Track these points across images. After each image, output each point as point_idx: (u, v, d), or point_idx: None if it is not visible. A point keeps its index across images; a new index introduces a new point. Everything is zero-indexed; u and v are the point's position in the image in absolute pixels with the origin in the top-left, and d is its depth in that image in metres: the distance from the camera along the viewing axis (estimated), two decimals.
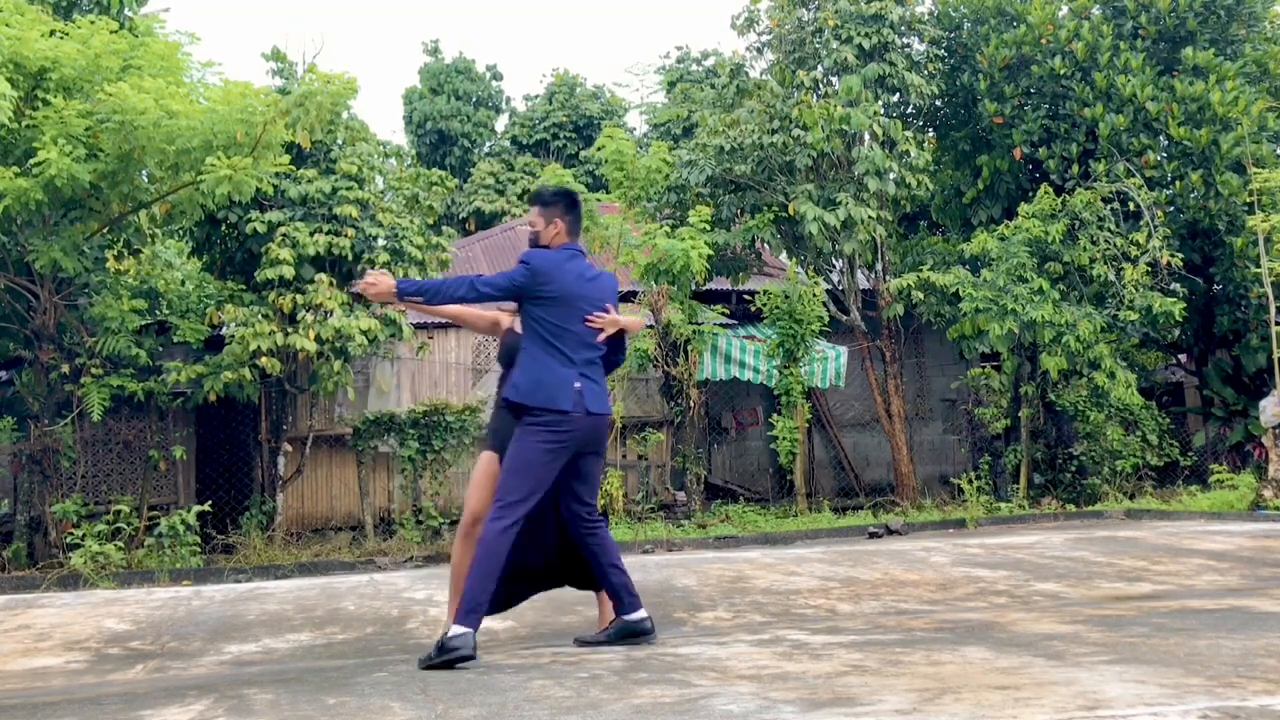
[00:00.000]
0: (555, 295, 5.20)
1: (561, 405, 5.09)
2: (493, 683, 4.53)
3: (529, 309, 5.24)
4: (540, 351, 5.18)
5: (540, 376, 5.13)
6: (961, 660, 4.61)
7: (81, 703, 4.63)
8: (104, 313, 10.92)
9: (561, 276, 5.24)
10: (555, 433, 5.10)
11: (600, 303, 5.31)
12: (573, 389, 5.14)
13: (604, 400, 5.31)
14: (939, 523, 12.29)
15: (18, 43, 9.65)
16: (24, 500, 11.37)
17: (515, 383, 5.18)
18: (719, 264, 14.64)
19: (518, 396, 5.13)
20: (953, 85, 16.15)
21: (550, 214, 5.44)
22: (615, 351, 5.48)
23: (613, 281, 5.54)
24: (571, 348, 5.19)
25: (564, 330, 5.19)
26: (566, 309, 5.21)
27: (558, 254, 5.35)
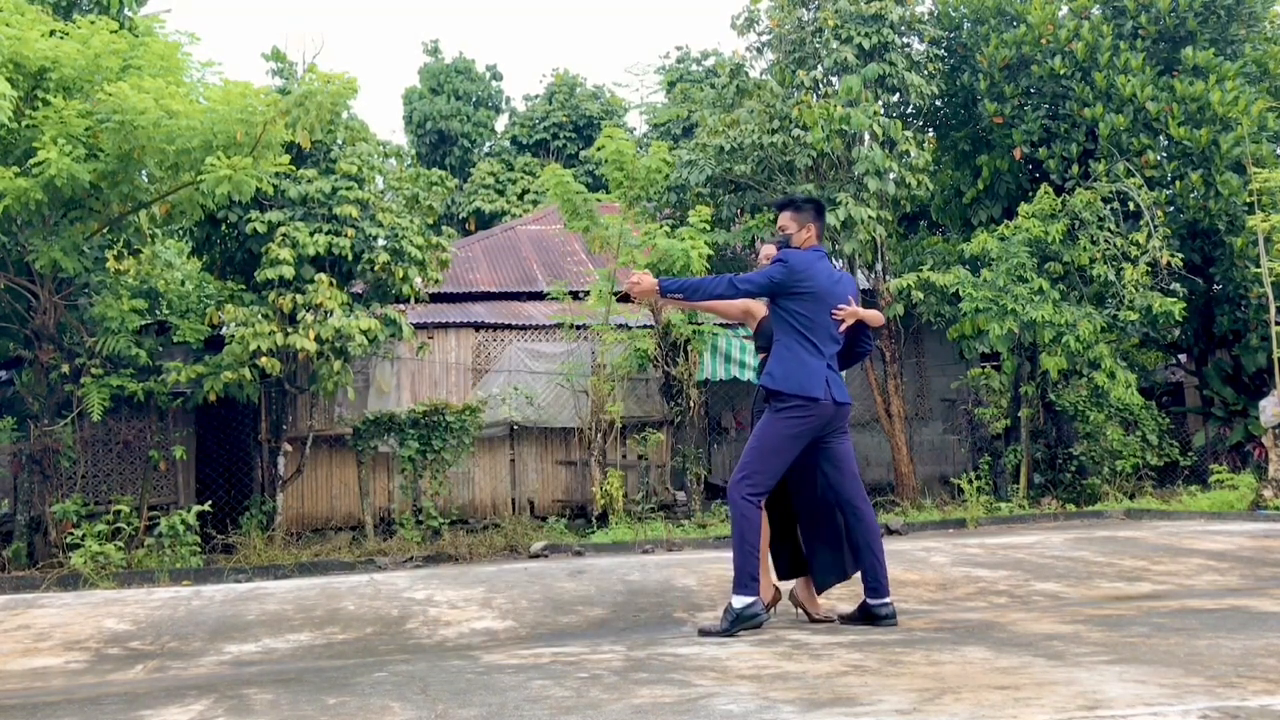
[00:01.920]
0: (810, 291, 5.60)
1: (814, 393, 5.52)
2: (493, 683, 4.53)
3: (783, 304, 5.64)
4: (794, 343, 5.60)
5: (793, 366, 5.56)
6: (961, 660, 4.61)
7: (81, 703, 4.63)
8: (104, 313, 10.93)
9: (815, 274, 5.64)
10: (803, 419, 5.54)
11: (844, 300, 5.71)
12: (823, 379, 5.56)
13: (845, 389, 5.74)
14: (939, 523, 12.29)
15: (18, 42, 9.65)
16: (24, 500, 11.38)
17: (770, 371, 5.63)
18: (719, 264, 14.64)
19: (774, 384, 5.57)
20: (953, 85, 16.15)
21: (803, 219, 5.85)
22: (860, 343, 5.91)
23: (853, 283, 5.93)
24: (821, 340, 5.61)
25: (815, 324, 5.60)
26: (818, 304, 5.61)
27: (810, 254, 5.75)
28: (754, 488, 5.54)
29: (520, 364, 14.65)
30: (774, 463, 5.57)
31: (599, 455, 13.51)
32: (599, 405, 13.54)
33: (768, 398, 5.64)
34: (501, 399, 14.18)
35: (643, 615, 6.43)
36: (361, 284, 12.86)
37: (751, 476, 5.53)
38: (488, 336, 14.91)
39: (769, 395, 5.63)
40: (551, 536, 12.00)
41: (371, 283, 12.75)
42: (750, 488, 5.53)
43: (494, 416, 14.03)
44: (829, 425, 5.62)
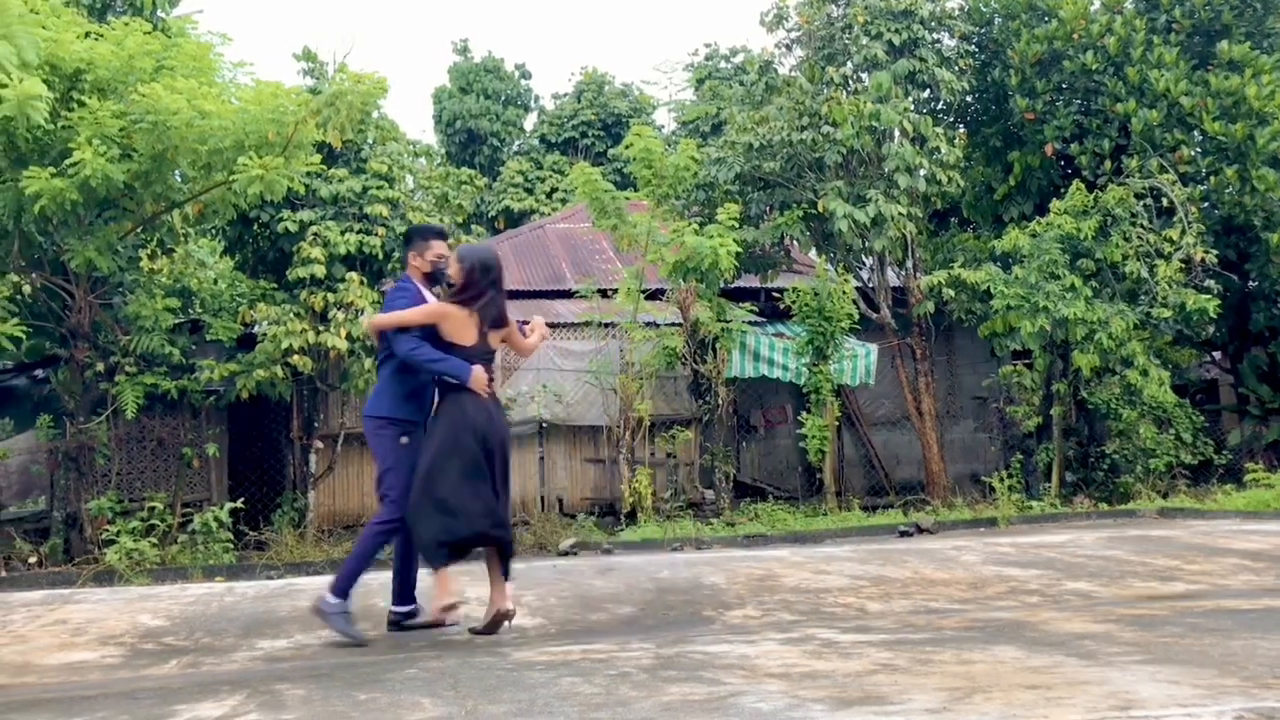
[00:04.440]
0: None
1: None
2: (522, 679, 4.55)
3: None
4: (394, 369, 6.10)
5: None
6: (992, 659, 4.58)
7: (117, 697, 4.69)
8: (138, 311, 11.03)
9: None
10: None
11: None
12: None
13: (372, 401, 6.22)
14: (970, 521, 12.22)
15: (54, 45, 9.75)
16: (60, 497, 11.50)
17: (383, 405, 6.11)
18: (748, 261, 14.61)
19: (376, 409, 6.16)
20: (983, 81, 16.04)
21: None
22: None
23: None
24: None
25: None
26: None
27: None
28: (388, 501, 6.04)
29: (549, 362, 14.67)
30: (391, 479, 6.04)
31: (627, 453, 13.52)
32: (627, 403, 13.54)
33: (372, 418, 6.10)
34: (530, 396, 14.22)
35: (672, 613, 6.43)
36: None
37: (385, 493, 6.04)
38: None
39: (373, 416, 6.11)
40: (580, 534, 12.02)
41: None
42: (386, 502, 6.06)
43: (523, 414, 14.07)
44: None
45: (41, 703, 4.64)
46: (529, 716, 3.89)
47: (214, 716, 4.14)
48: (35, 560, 10.83)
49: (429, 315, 5.92)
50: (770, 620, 6.01)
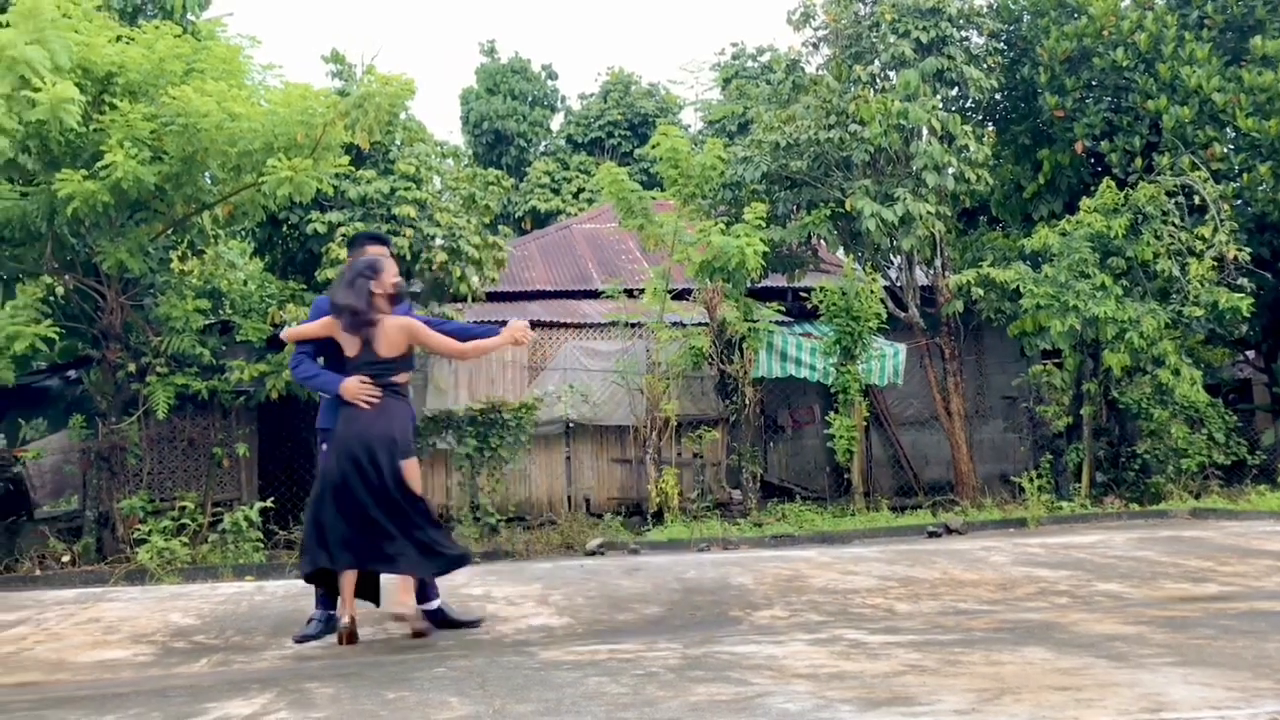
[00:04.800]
0: None
1: None
2: (550, 679, 4.56)
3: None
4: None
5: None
6: (1022, 661, 4.55)
7: (149, 694, 4.73)
8: (169, 312, 11.13)
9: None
10: None
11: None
12: None
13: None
14: (999, 522, 12.15)
15: (86, 48, 9.85)
16: (93, 496, 11.62)
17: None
18: (775, 261, 14.57)
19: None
20: (1012, 79, 15.93)
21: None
22: None
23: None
24: None
25: None
26: None
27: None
28: None
29: (576, 362, 14.69)
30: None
31: (654, 453, 13.52)
32: (654, 403, 13.54)
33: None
34: (557, 397, 14.24)
35: (699, 613, 6.43)
36: (420, 283, 12.98)
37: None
38: (543, 335, 14.97)
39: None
40: (607, 534, 12.03)
41: (429, 282, 12.86)
42: None
43: (550, 414, 14.09)
44: None
45: (75, 700, 4.69)
46: (556, 716, 3.89)
47: (244, 714, 4.17)
48: (68, 559, 10.94)
49: (322, 328, 5.98)
50: (798, 621, 5.99)
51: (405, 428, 5.85)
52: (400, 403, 5.90)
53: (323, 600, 6.14)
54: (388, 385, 5.85)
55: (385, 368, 5.85)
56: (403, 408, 5.91)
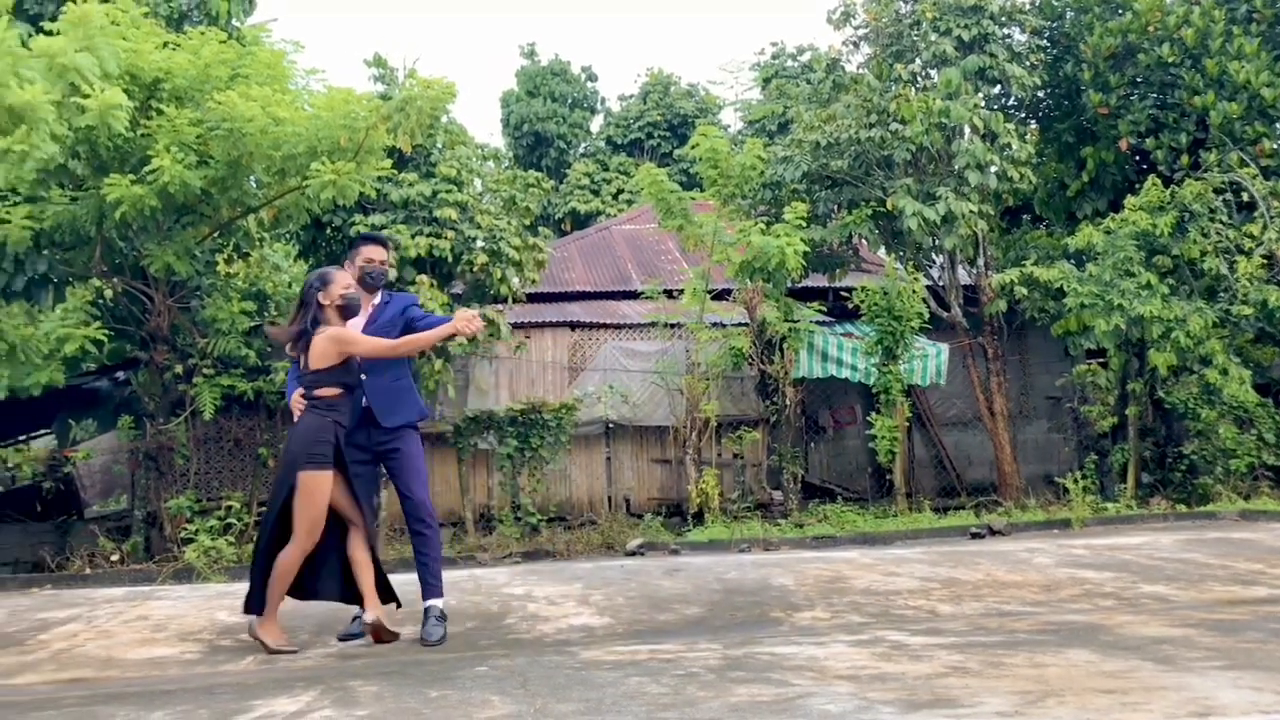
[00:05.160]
0: None
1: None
2: (590, 678, 4.58)
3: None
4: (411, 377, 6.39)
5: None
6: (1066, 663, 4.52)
7: (196, 692, 4.80)
8: (215, 314, 11.26)
9: None
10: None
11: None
12: None
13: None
14: (1043, 523, 12.04)
15: (134, 55, 9.98)
16: (141, 496, 11.79)
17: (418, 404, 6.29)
18: (815, 260, 14.52)
19: (424, 413, 6.34)
20: (1055, 76, 15.78)
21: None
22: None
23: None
24: None
25: None
26: None
27: None
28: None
29: (615, 362, 14.72)
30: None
31: (694, 453, 13.51)
32: (694, 403, 13.54)
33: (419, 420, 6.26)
34: (597, 397, 14.27)
35: (739, 614, 6.43)
36: (461, 285, 13.05)
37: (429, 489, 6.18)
38: (583, 335, 15.02)
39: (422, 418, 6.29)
40: (647, 534, 12.04)
41: (470, 283, 12.93)
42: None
43: (590, 415, 14.13)
44: None
45: (125, 696, 4.77)
46: (597, 715, 3.91)
47: (289, 711, 4.23)
48: (117, 558, 11.11)
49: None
50: (839, 622, 5.97)
51: (310, 438, 5.77)
52: (312, 415, 5.82)
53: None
54: (310, 398, 5.86)
55: (312, 380, 5.85)
56: (311, 419, 5.81)
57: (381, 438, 6.06)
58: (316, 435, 5.76)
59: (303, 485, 5.69)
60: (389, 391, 6.07)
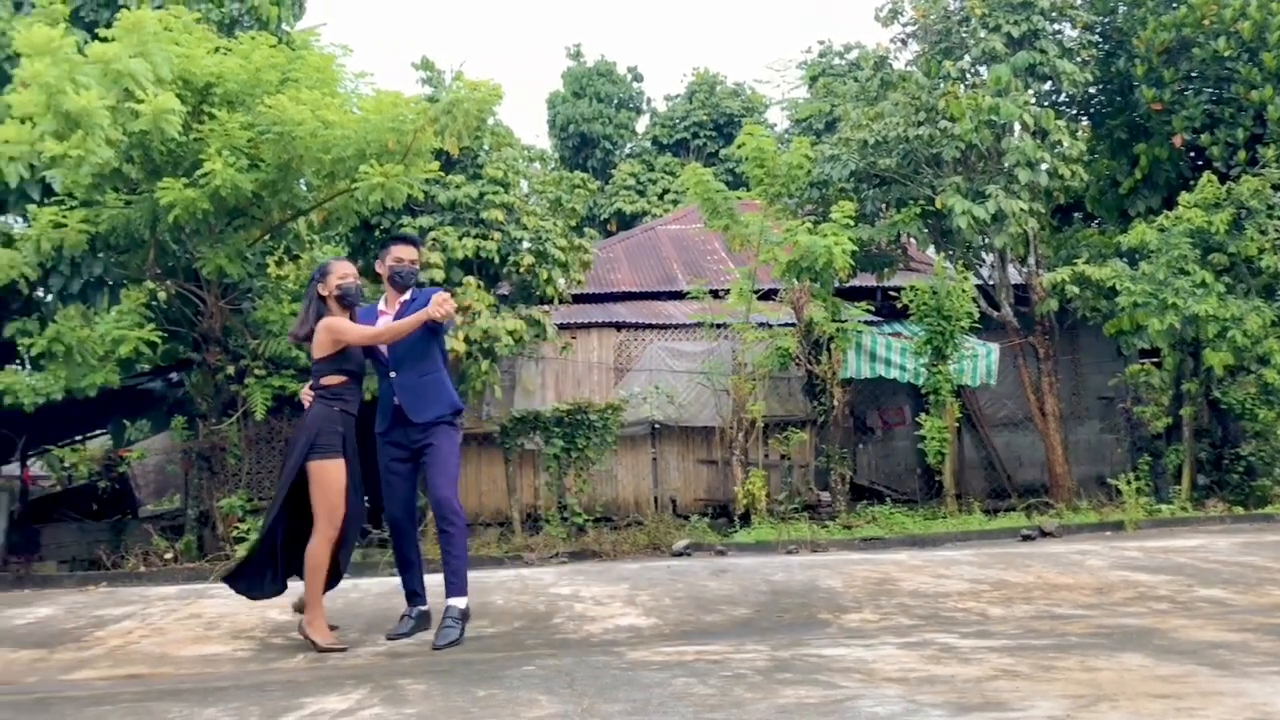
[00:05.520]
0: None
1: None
2: (637, 679, 4.57)
3: (441, 337, 6.24)
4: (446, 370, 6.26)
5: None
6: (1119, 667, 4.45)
7: (248, 689, 4.85)
8: (266, 316, 11.40)
9: None
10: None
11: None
12: None
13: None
14: (1095, 525, 11.88)
15: (186, 60, 10.13)
16: (194, 495, 11.96)
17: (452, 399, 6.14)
18: (863, 260, 14.42)
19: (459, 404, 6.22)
20: (1107, 72, 15.56)
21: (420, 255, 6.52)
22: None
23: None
24: None
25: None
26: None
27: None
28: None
29: (661, 363, 14.72)
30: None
31: (741, 454, 13.48)
32: (740, 404, 13.50)
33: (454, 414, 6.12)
34: (643, 398, 14.28)
35: (786, 616, 6.39)
36: (507, 286, 13.11)
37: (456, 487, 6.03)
38: (629, 336, 15.03)
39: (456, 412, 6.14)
40: (694, 535, 12.03)
41: (517, 284, 12.99)
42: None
43: (636, 415, 14.14)
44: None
45: (179, 693, 4.83)
46: (644, 716, 3.90)
47: (339, 709, 4.26)
48: (171, 556, 11.28)
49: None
50: (888, 624, 5.93)
51: (316, 428, 5.86)
52: (319, 405, 5.93)
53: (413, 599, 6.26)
54: (316, 387, 5.99)
55: (316, 370, 6.00)
56: (318, 409, 5.92)
57: (416, 435, 6.06)
58: (323, 424, 5.87)
59: (314, 475, 5.80)
60: (418, 387, 6.08)
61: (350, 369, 6.03)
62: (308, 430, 5.88)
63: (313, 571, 5.78)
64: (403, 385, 6.08)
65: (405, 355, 6.05)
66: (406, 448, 6.11)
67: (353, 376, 6.06)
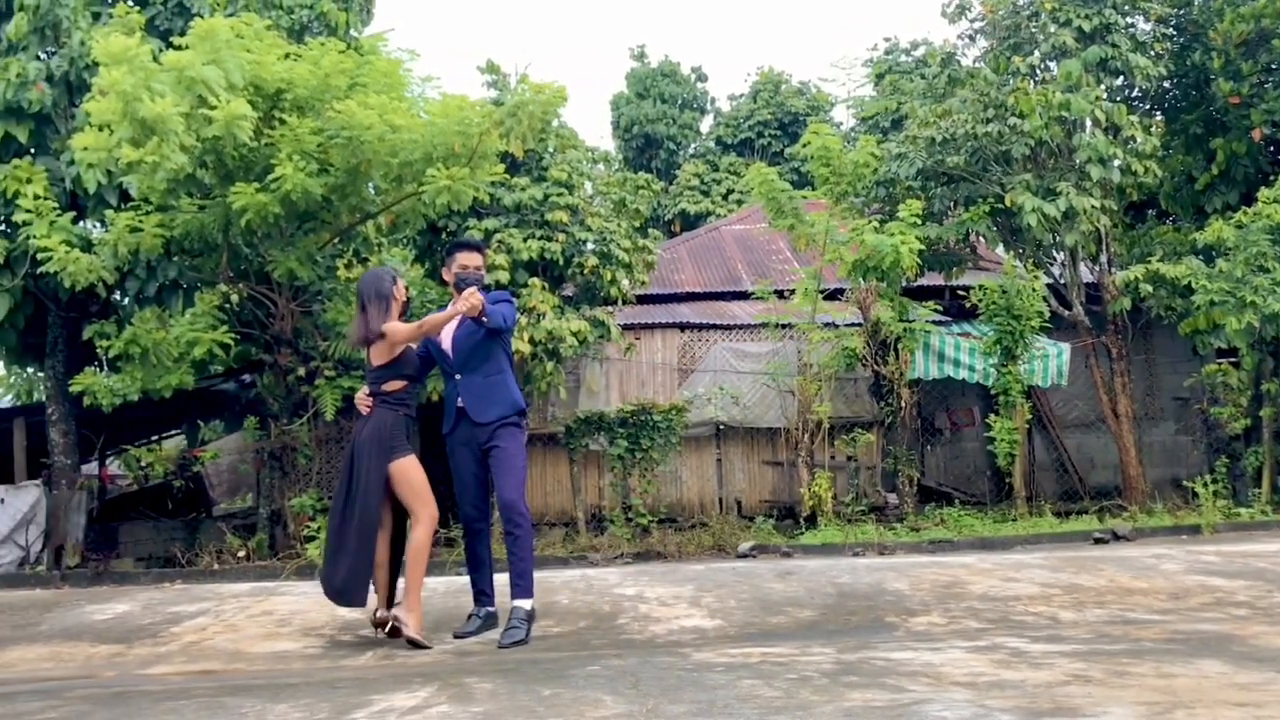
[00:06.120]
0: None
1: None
2: (702, 680, 4.56)
3: (505, 338, 6.26)
4: (511, 372, 6.28)
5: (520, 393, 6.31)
6: (1195, 673, 4.35)
7: (318, 685, 4.92)
8: (335, 318, 11.55)
9: None
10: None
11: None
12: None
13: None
14: (1171, 528, 11.62)
15: (257, 66, 10.29)
16: (266, 495, 12.16)
17: (515, 400, 6.17)
18: (931, 259, 14.26)
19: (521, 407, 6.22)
20: (1182, 65, 15.23)
21: (484, 260, 6.47)
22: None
23: None
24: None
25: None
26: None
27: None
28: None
29: (725, 364, 14.68)
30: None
31: (806, 456, 13.40)
32: (806, 405, 13.42)
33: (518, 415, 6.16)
34: (707, 399, 14.25)
35: (853, 618, 6.34)
36: (571, 287, 13.17)
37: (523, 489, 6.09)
38: (693, 337, 15.02)
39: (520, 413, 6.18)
40: (759, 537, 11.98)
41: (581, 286, 13.04)
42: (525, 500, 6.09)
43: (700, 416, 14.12)
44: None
45: (251, 688, 4.92)
46: (709, 717, 3.89)
47: (407, 706, 4.31)
48: (244, 554, 11.48)
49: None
50: (956, 628, 5.85)
51: (386, 433, 5.99)
52: (383, 410, 6.06)
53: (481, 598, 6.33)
54: (378, 393, 6.10)
55: (375, 376, 6.13)
56: (384, 414, 6.04)
57: (482, 436, 6.13)
58: (391, 429, 6.02)
59: (396, 475, 5.95)
60: (482, 388, 6.15)
61: (409, 373, 6.18)
62: (376, 437, 5.99)
63: (415, 563, 5.94)
64: (466, 387, 6.16)
65: (469, 357, 6.14)
66: (473, 448, 6.18)
67: (411, 381, 6.21)
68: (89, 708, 4.55)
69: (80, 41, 11.30)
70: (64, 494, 12.11)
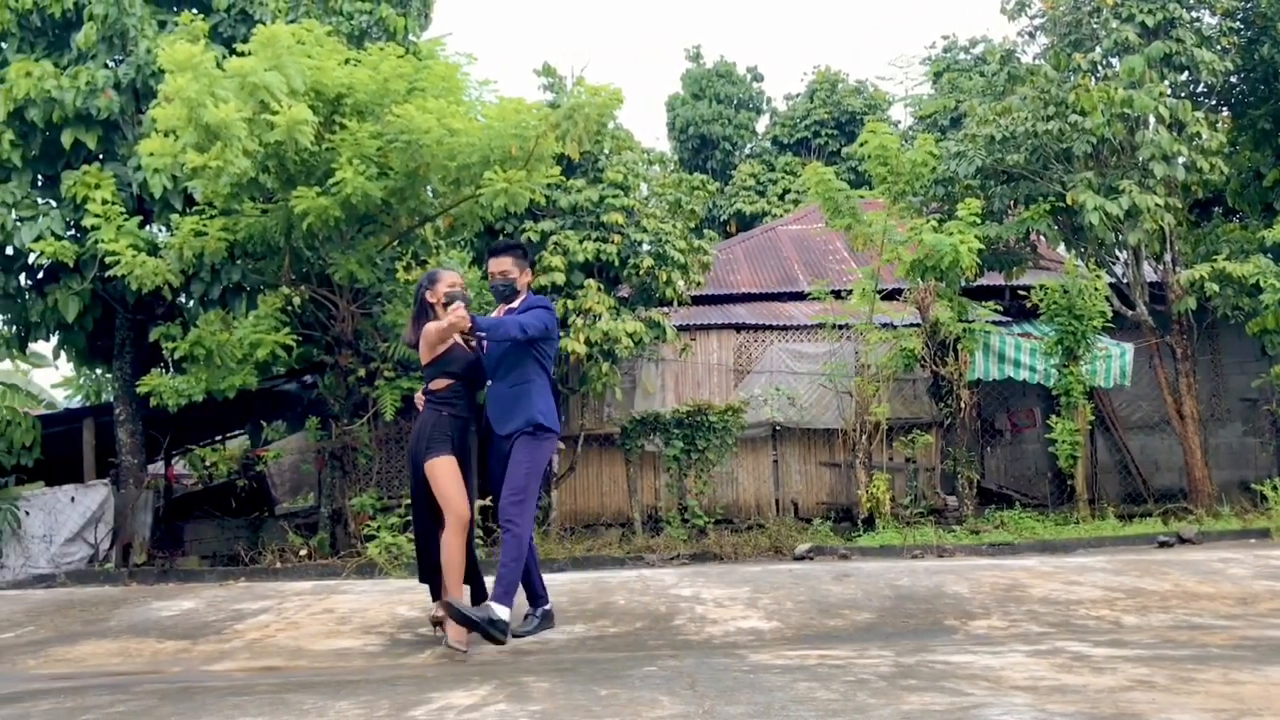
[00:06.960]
0: (557, 334, 6.36)
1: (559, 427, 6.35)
2: (759, 682, 4.55)
3: (540, 346, 6.14)
4: (547, 382, 6.20)
5: (553, 404, 6.20)
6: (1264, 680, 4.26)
7: (378, 683, 4.99)
8: (395, 320, 11.69)
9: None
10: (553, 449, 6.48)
11: None
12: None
13: None
14: (1238, 532, 11.38)
15: (318, 72, 10.45)
16: (327, 494, 12.34)
17: (541, 409, 6.08)
18: (990, 258, 14.09)
19: (545, 420, 6.09)
20: (1250, 60, 14.91)
21: (523, 263, 6.38)
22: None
23: None
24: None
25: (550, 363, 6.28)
26: (552, 345, 6.31)
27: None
28: (530, 510, 6.08)
29: (782, 364, 14.62)
30: (538, 486, 6.18)
31: (864, 457, 13.31)
32: (863, 406, 13.33)
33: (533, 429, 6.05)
34: (763, 399, 14.21)
35: (911, 621, 6.29)
36: (627, 288, 13.20)
37: (529, 499, 6.03)
38: (749, 337, 14.97)
39: (536, 427, 6.05)
40: (816, 538, 11.92)
41: (637, 287, 13.07)
42: (528, 510, 6.03)
43: (756, 417, 14.08)
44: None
45: (313, 685, 4.99)
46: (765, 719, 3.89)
47: (466, 704, 4.34)
48: (305, 553, 11.65)
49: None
50: (1016, 631, 5.78)
51: (425, 433, 6.06)
52: (427, 409, 6.14)
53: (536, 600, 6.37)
54: (426, 393, 6.20)
55: (425, 375, 6.23)
56: (427, 414, 6.12)
57: (504, 444, 6.14)
58: (433, 429, 6.07)
59: (430, 474, 6.01)
60: (506, 398, 6.14)
61: (454, 371, 6.16)
62: (418, 436, 6.13)
63: (447, 567, 5.96)
64: (494, 395, 6.23)
65: (499, 365, 6.18)
66: (502, 453, 6.19)
67: (458, 380, 6.18)
68: (156, 702, 4.65)
69: (146, 49, 11.54)
70: (131, 493, 12.38)
